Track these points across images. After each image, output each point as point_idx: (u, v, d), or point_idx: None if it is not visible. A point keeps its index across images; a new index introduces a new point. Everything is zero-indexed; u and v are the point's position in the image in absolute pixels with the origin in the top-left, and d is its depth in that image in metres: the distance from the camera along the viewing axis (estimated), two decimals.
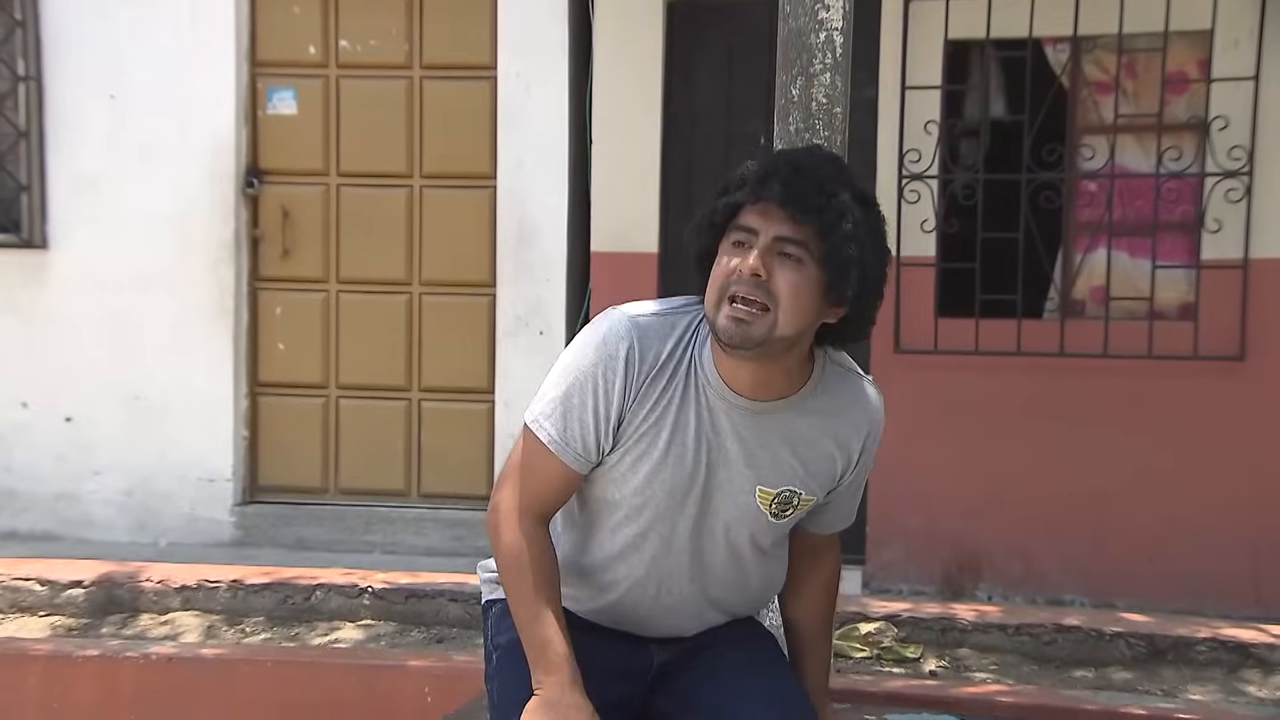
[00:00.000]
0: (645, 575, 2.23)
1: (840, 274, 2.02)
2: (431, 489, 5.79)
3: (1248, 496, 5.01)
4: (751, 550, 2.26)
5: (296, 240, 5.80)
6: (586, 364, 2.13)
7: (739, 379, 2.13)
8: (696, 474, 2.16)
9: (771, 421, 2.16)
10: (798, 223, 2.01)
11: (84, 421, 5.81)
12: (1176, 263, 5.08)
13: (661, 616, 2.27)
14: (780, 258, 2.02)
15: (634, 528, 2.20)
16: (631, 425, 2.14)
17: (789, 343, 2.07)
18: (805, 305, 2.03)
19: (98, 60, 5.68)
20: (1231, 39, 4.94)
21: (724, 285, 2.04)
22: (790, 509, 2.22)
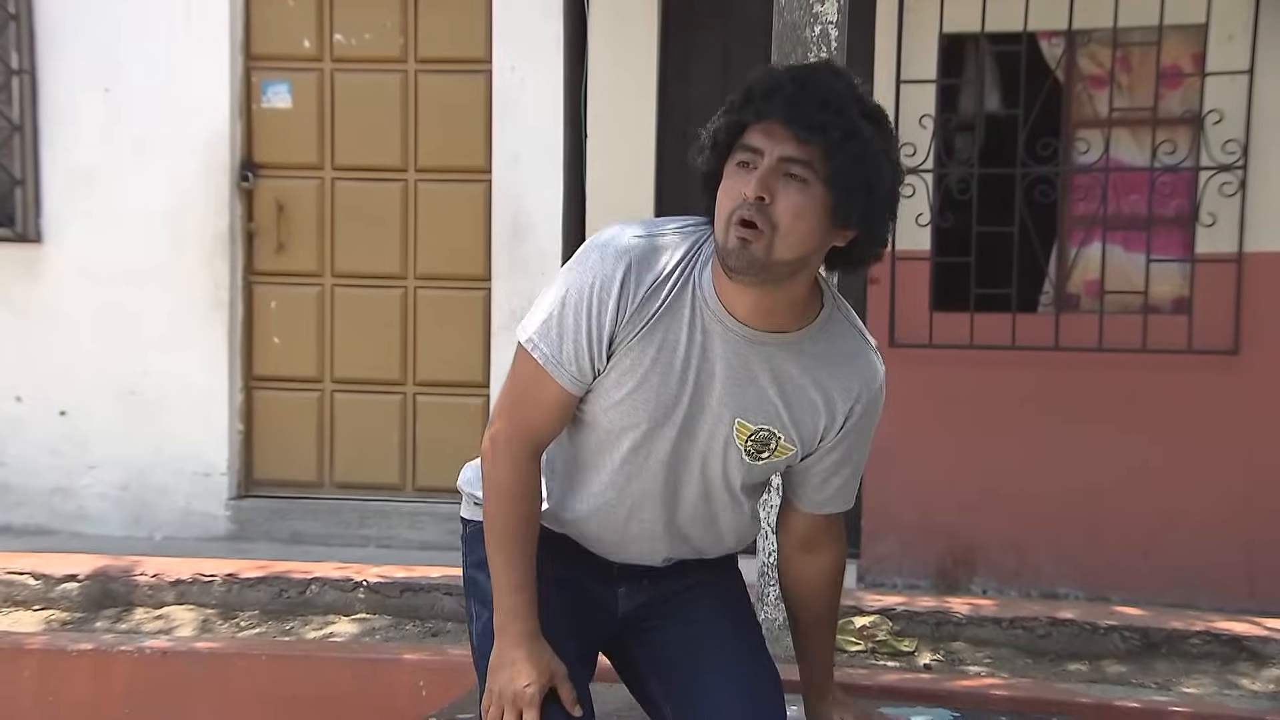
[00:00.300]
0: (618, 497, 2.19)
1: (847, 195, 1.96)
2: (426, 483, 5.79)
3: (1242, 490, 5.02)
4: (724, 489, 2.21)
5: (291, 234, 5.79)
6: (583, 282, 2.09)
7: (739, 304, 2.07)
8: (680, 395, 2.11)
9: (763, 354, 2.10)
10: (802, 142, 1.94)
11: (79, 415, 5.80)
12: (1171, 256, 5.08)
13: (629, 544, 2.25)
14: (785, 179, 1.96)
15: (612, 446, 2.17)
16: (622, 342, 2.09)
17: (792, 267, 2.01)
18: (808, 228, 1.98)
19: (92, 53, 5.67)
20: (1226, 33, 4.94)
21: (729, 209, 1.99)
22: (767, 451, 2.16)
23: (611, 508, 2.21)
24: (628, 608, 2.32)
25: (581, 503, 2.22)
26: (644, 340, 2.09)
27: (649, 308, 2.08)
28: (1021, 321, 5.12)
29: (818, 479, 2.24)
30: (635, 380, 2.11)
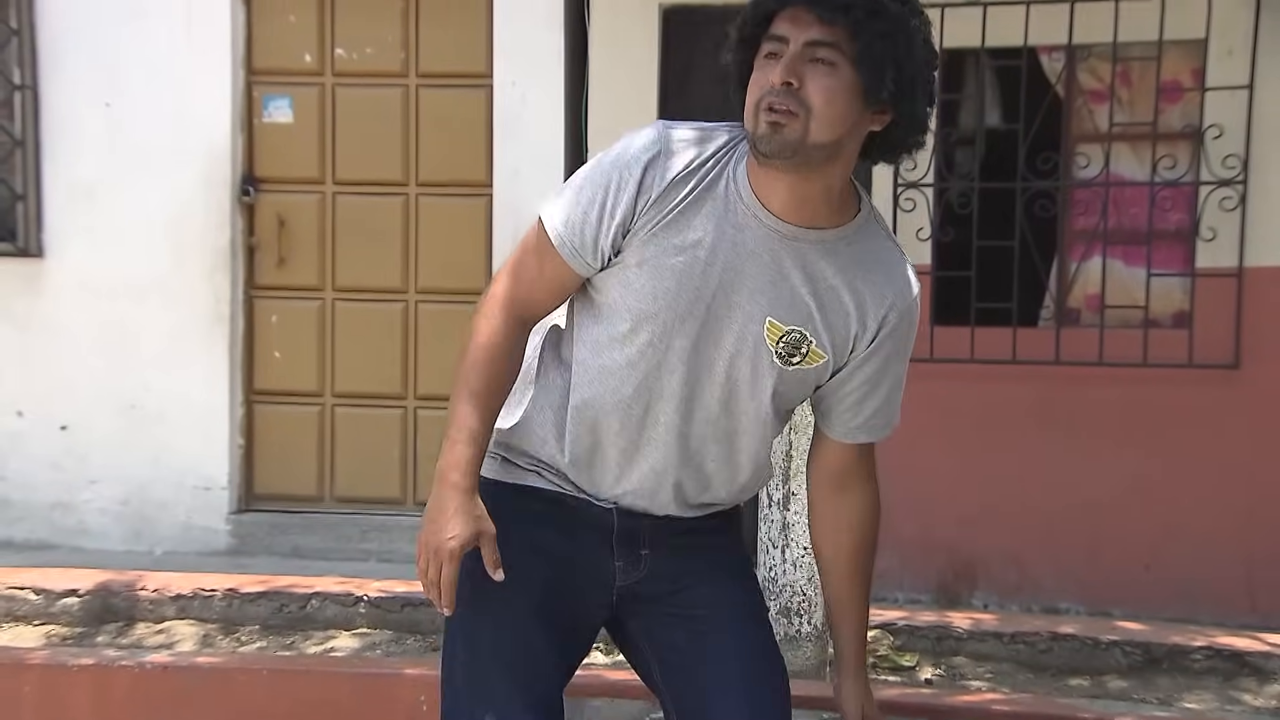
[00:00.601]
0: (634, 392, 2.11)
1: (876, 73, 1.93)
2: (427, 497, 5.75)
3: (1243, 505, 5.02)
4: (750, 397, 2.12)
5: (292, 248, 5.80)
6: (608, 162, 2.07)
7: (774, 196, 2.03)
8: (706, 287, 2.05)
9: (797, 252, 2.05)
10: (827, 24, 1.93)
11: (79, 430, 5.80)
12: (1171, 271, 5.09)
13: (639, 457, 2.14)
14: (812, 64, 1.94)
15: (632, 336, 2.09)
16: (645, 227, 2.04)
17: (826, 151, 1.97)
18: (839, 111, 1.95)
19: (94, 68, 5.68)
20: (1225, 48, 4.96)
21: (758, 98, 1.97)
22: (799, 356, 2.08)
23: (629, 404, 2.11)
24: (625, 582, 2.21)
25: (600, 395, 2.13)
26: (668, 228, 2.04)
27: (674, 194, 2.04)
28: (1022, 336, 5.13)
29: (852, 399, 2.16)
30: (656, 268, 2.05)
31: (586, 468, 2.17)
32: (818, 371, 2.11)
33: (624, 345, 2.10)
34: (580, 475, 2.18)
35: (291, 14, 5.74)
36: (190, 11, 5.65)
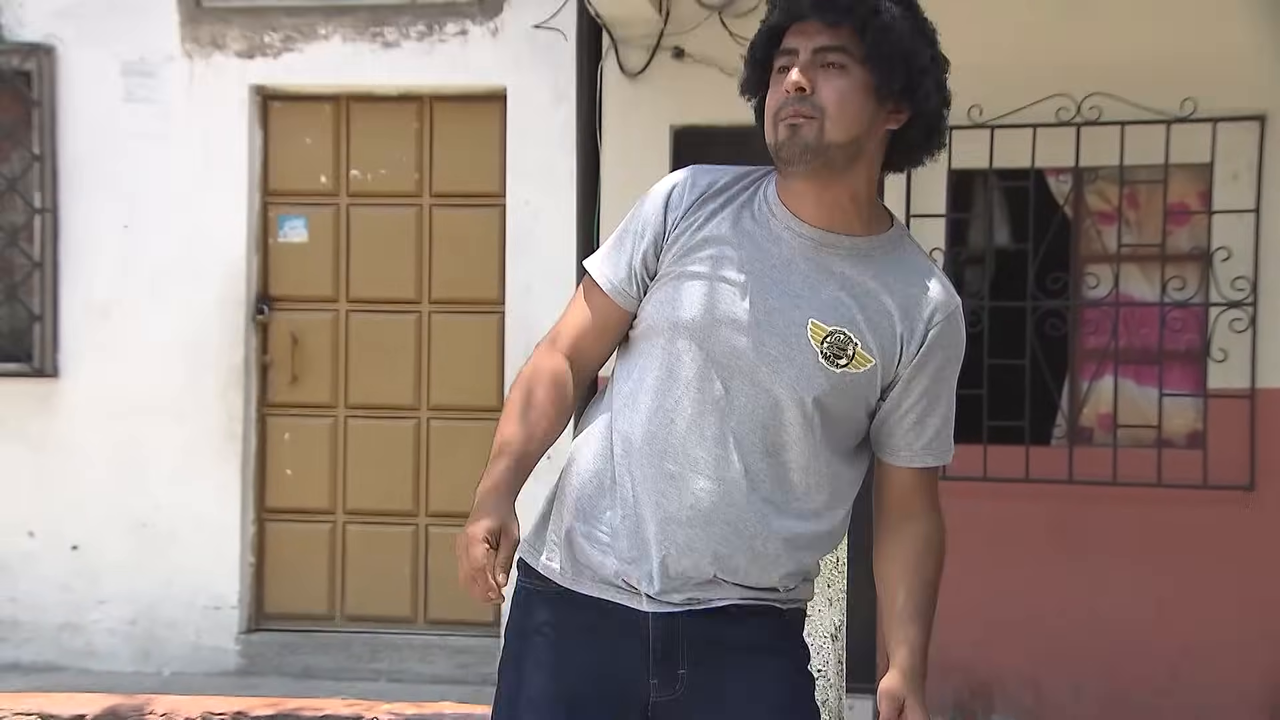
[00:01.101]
0: (676, 405, 2.06)
1: (885, 68, 1.99)
2: (438, 615, 5.75)
3: (1260, 626, 4.97)
4: (796, 404, 2.04)
5: (306, 366, 5.83)
6: (641, 201, 2.15)
7: (804, 204, 2.06)
8: (743, 295, 2.05)
9: (833, 258, 2.06)
10: (833, 28, 1.99)
11: (90, 549, 5.78)
12: (1184, 391, 5.10)
13: (686, 481, 2.05)
14: (824, 69, 2.00)
15: (670, 348, 2.07)
16: (677, 243, 2.08)
17: (845, 152, 2.01)
18: (854, 111, 1.99)
19: (112, 192, 5.75)
20: (1230, 172, 5.01)
21: (775, 110, 2.02)
22: (845, 358, 2.03)
23: (669, 416, 2.06)
24: (659, 699, 2.10)
25: (640, 412, 2.09)
26: (700, 244, 2.07)
27: (703, 210, 2.08)
28: (1035, 454, 5.12)
29: (913, 417, 2.11)
30: (691, 279, 2.07)
31: (633, 509, 2.08)
32: (867, 378, 2.06)
33: (662, 360, 2.08)
34: (625, 523, 2.08)
35: (307, 136, 5.84)
36: (208, 135, 5.74)
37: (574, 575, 2.12)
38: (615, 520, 2.09)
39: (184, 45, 5.74)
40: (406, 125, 5.79)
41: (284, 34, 5.72)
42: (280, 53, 5.73)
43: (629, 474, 2.08)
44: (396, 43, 5.66)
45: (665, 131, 5.51)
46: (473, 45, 5.63)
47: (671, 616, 2.08)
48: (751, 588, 2.10)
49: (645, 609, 2.08)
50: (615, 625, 2.10)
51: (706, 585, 2.08)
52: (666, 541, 2.06)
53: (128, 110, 5.75)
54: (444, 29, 5.63)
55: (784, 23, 2.05)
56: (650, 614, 2.08)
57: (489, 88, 5.66)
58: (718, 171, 2.13)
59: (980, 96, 5.03)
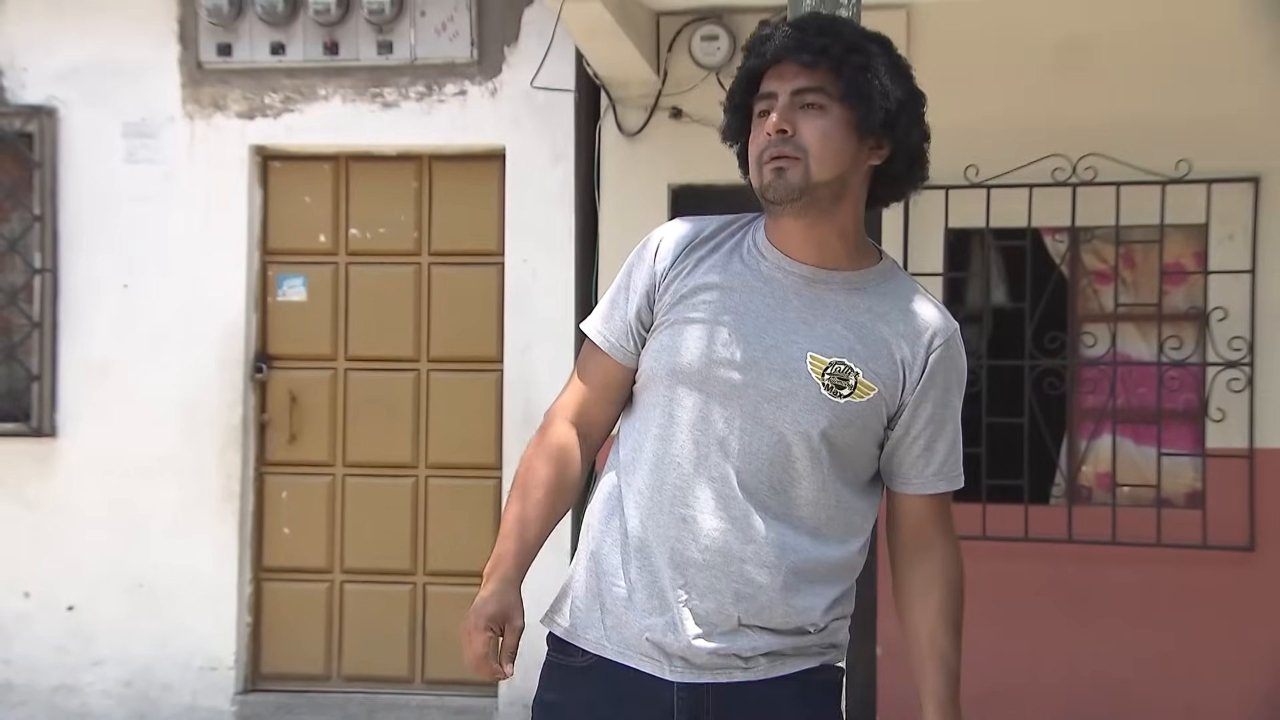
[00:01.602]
0: (680, 450, 2.06)
1: (865, 103, 2.02)
2: (435, 675, 5.71)
3: (1262, 687, 4.95)
4: (802, 438, 2.04)
5: (304, 424, 5.83)
6: (631, 257, 2.17)
7: (791, 242, 2.08)
8: (740, 335, 2.06)
9: (827, 293, 2.08)
10: (809, 69, 2.03)
11: (86, 610, 5.75)
12: (1182, 451, 5.10)
13: (698, 527, 2.04)
14: (803, 111, 2.03)
15: (671, 394, 2.08)
16: (669, 292, 2.10)
17: (831, 189, 2.03)
18: (836, 148, 2.02)
19: (112, 252, 5.77)
20: (1226, 233, 5.05)
21: (758, 153, 2.05)
22: (847, 388, 2.04)
23: (675, 462, 2.06)
24: None
25: (645, 462, 2.09)
26: (694, 291, 2.09)
27: (693, 257, 2.11)
28: (1034, 513, 5.12)
29: (921, 444, 2.10)
30: (687, 324, 2.08)
31: (648, 560, 2.07)
32: (872, 407, 2.06)
33: (663, 407, 2.09)
34: (642, 575, 2.07)
35: (307, 195, 5.86)
36: (209, 195, 5.76)
37: (596, 640, 2.11)
38: (632, 573, 2.09)
39: (185, 106, 5.78)
40: (405, 184, 5.82)
41: (284, 95, 5.76)
42: (280, 113, 5.77)
43: (640, 525, 2.09)
44: (396, 103, 5.70)
45: (663, 190, 5.54)
46: (472, 105, 5.66)
47: (697, 688, 2.06)
48: (781, 632, 2.07)
49: (669, 678, 2.06)
50: (638, 694, 2.08)
51: (733, 634, 2.05)
52: (687, 586, 2.05)
53: (128, 171, 5.78)
54: (443, 89, 5.67)
55: (761, 67, 2.08)
56: (675, 684, 2.06)
57: (488, 147, 5.69)
58: (703, 221, 2.16)
59: (977, 156, 5.07)
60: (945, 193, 5.15)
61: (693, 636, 2.04)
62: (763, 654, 2.06)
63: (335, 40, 5.66)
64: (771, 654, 2.07)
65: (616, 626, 2.09)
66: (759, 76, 2.09)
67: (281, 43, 5.70)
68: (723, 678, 2.06)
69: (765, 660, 2.07)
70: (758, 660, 2.06)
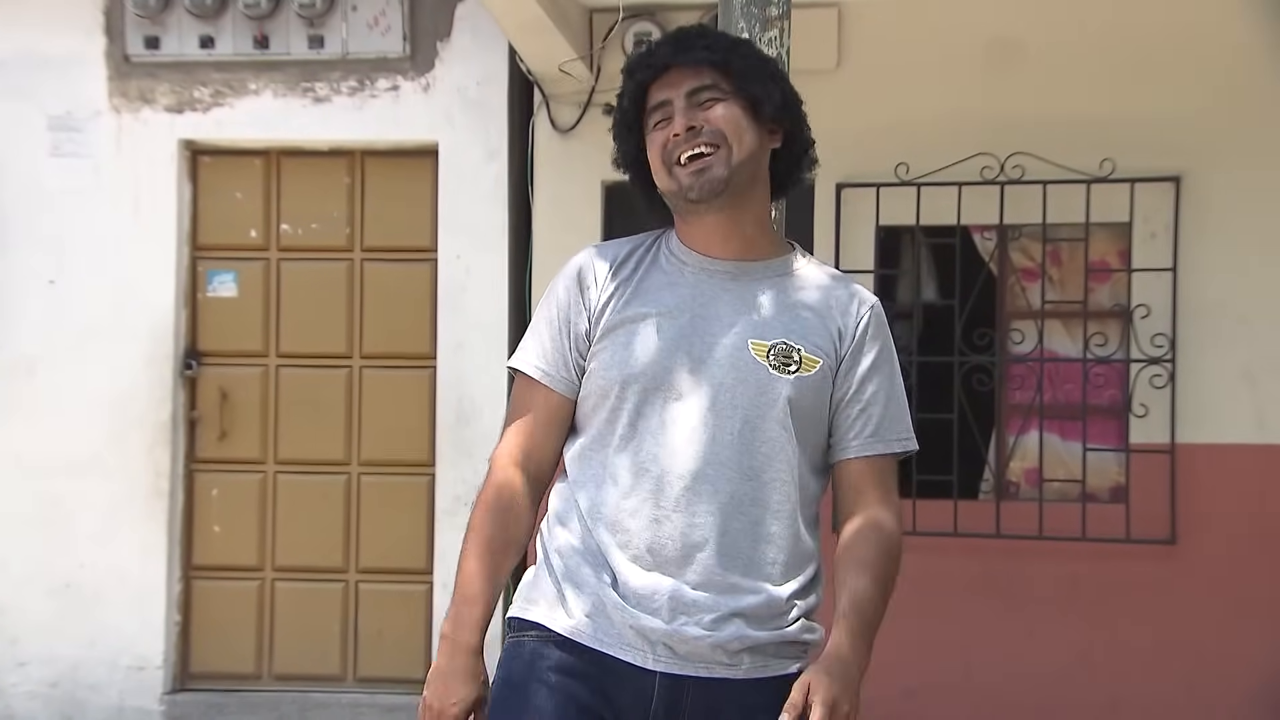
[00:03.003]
0: (649, 456, 2.07)
1: (761, 87, 2.12)
2: (368, 673, 5.69)
3: (1184, 678, 5.04)
4: (771, 422, 2.06)
5: (235, 421, 5.77)
6: (551, 291, 2.19)
7: (711, 240, 2.13)
8: (682, 337, 2.09)
9: (755, 284, 2.13)
10: (699, 68, 2.11)
11: (11, 611, 5.65)
12: (1106, 446, 5.18)
13: (670, 527, 2.04)
14: (703, 107, 2.10)
15: (632, 403, 2.08)
16: (604, 318, 2.12)
17: (748, 172, 2.10)
18: (746, 131, 2.10)
19: (39, 247, 5.68)
20: (1149, 231, 5.13)
21: (665, 159, 2.10)
22: (794, 364, 2.08)
23: (644, 466, 2.07)
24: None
25: (611, 472, 2.10)
26: (624, 308, 2.11)
27: (621, 279, 2.13)
28: (963, 508, 5.18)
29: (856, 409, 2.12)
30: (626, 340, 2.10)
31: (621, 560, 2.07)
32: (821, 377, 2.10)
33: (626, 419, 2.09)
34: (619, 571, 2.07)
35: (237, 191, 5.80)
36: (137, 190, 5.69)
37: (573, 627, 2.08)
38: (610, 568, 2.07)
39: (111, 100, 5.70)
40: (337, 180, 5.78)
41: (214, 89, 5.70)
42: (210, 107, 5.71)
43: (610, 528, 2.08)
44: (328, 98, 5.66)
45: (597, 187, 5.54)
46: (404, 101, 5.64)
47: (679, 680, 2.05)
48: (761, 620, 2.06)
49: (653, 667, 2.06)
50: (617, 682, 2.07)
51: (716, 624, 2.04)
52: (666, 578, 2.04)
53: (54, 165, 5.69)
54: (375, 85, 5.64)
55: (648, 79, 2.14)
56: (658, 674, 2.05)
57: (420, 143, 5.67)
58: (616, 244, 2.21)
59: (907, 155, 5.13)
60: (876, 190, 5.21)
61: (677, 624, 2.04)
62: (747, 649, 2.06)
63: (265, 34, 5.61)
64: (754, 649, 2.07)
65: (595, 614, 2.07)
66: (645, 92, 2.14)
67: (210, 36, 5.64)
68: (704, 672, 2.06)
69: (749, 658, 2.07)
70: (741, 657, 2.07)
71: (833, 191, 5.28)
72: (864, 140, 5.20)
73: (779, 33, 2.77)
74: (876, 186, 5.21)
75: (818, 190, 5.29)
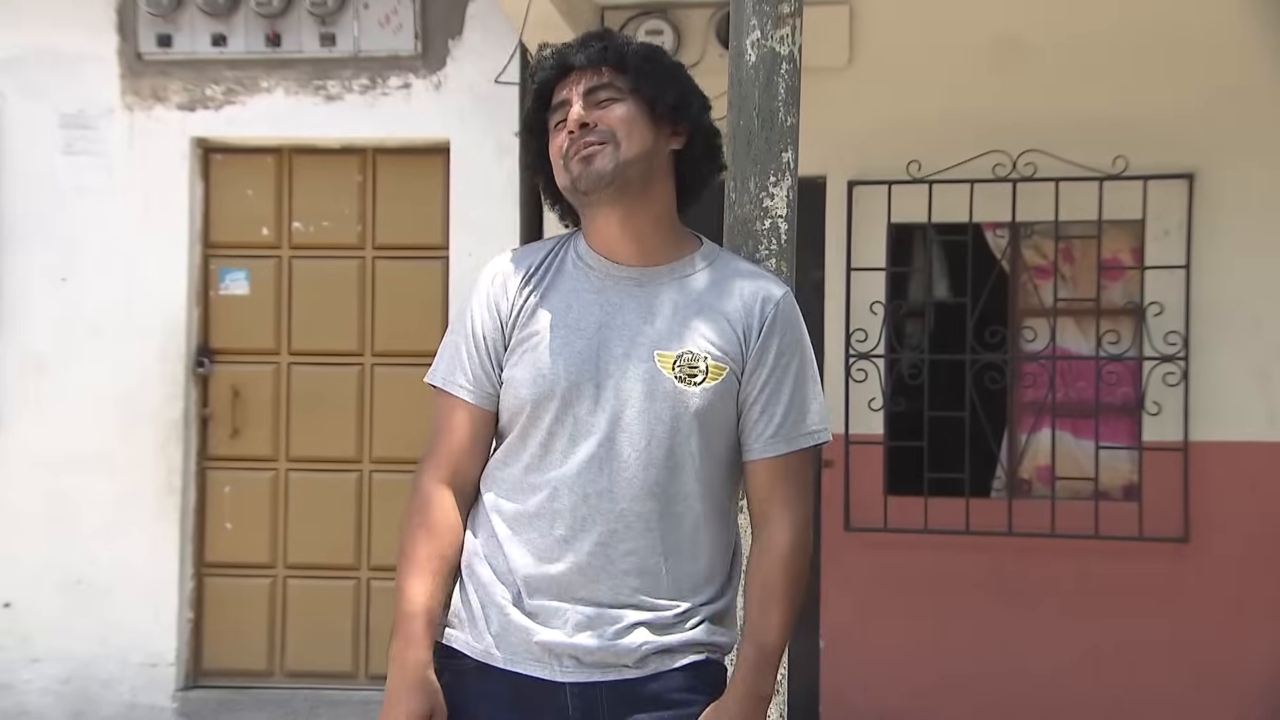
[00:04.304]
0: (558, 475, 2.09)
1: (657, 88, 2.14)
2: (379, 670, 5.68)
3: (1195, 677, 5.03)
4: (669, 434, 2.08)
5: (246, 419, 5.78)
6: (464, 306, 2.22)
7: (615, 244, 2.15)
8: (589, 353, 2.10)
9: (660, 289, 2.14)
10: (595, 69, 2.15)
11: (24, 607, 5.68)
12: (1119, 444, 5.17)
13: (580, 533, 2.08)
14: (599, 106, 2.13)
15: (536, 424, 2.10)
16: (518, 331, 2.14)
17: (639, 168, 2.11)
18: (639, 129, 2.12)
19: (51, 245, 5.69)
20: (1161, 229, 5.11)
21: (563, 154, 2.13)
22: (699, 374, 2.09)
23: (552, 484, 2.09)
24: None
25: (523, 488, 2.12)
26: (535, 315, 2.13)
27: (530, 288, 2.15)
28: (975, 506, 5.17)
29: (760, 406, 2.13)
30: (535, 355, 2.11)
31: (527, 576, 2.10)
32: (727, 386, 2.12)
33: (540, 436, 2.12)
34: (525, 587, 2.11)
35: (249, 189, 5.81)
36: (149, 188, 5.70)
37: (484, 650, 2.12)
38: (515, 586, 2.11)
39: (124, 98, 5.71)
40: (349, 178, 5.79)
41: (226, 86, 5.71)
42: (222, 105, 5.71)
43: (521, 544, 2.11)
44: (339, 95, 5.66)
45: None
46: (416, 98, 5.64)
47: (588, 686, 2.09)
48: (665, 626, 2.09)
49: (560, 679, 2.09)
50: (530, 698, 2.11)
51: (620, 633, 2.08)
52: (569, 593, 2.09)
53: (67, 163, 5.70)
54: (387, 82, 5.64)
55: (550, 80, 2.18)
56: (566, 684, 2.09)
57: (432, 140, 5.67)
58: (528, 251, 2.23)
59: (919, 152, 5.12)
60: (888, 188, 5.20)
61: (579, 635, 2.08)
62: (653, 652, 2.10)
63: (277, 32, 5.62)
64: (660, 651, 2.10)
65: (502, 634, 2.11)
66: (549, 93, 2.18)
67: (223, 34, 5.65)
68: (613, 675, 2.09)
69: (655, 659, 2.10)
70: (647, 660, 2.10)
71: (844, 189, 5.27)
72: (875, 137, 5.20)
73: (790, 30, 2.75)
74: (888, 184, 5.20)
75: (829, 188, 5.29)
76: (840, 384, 5.17)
